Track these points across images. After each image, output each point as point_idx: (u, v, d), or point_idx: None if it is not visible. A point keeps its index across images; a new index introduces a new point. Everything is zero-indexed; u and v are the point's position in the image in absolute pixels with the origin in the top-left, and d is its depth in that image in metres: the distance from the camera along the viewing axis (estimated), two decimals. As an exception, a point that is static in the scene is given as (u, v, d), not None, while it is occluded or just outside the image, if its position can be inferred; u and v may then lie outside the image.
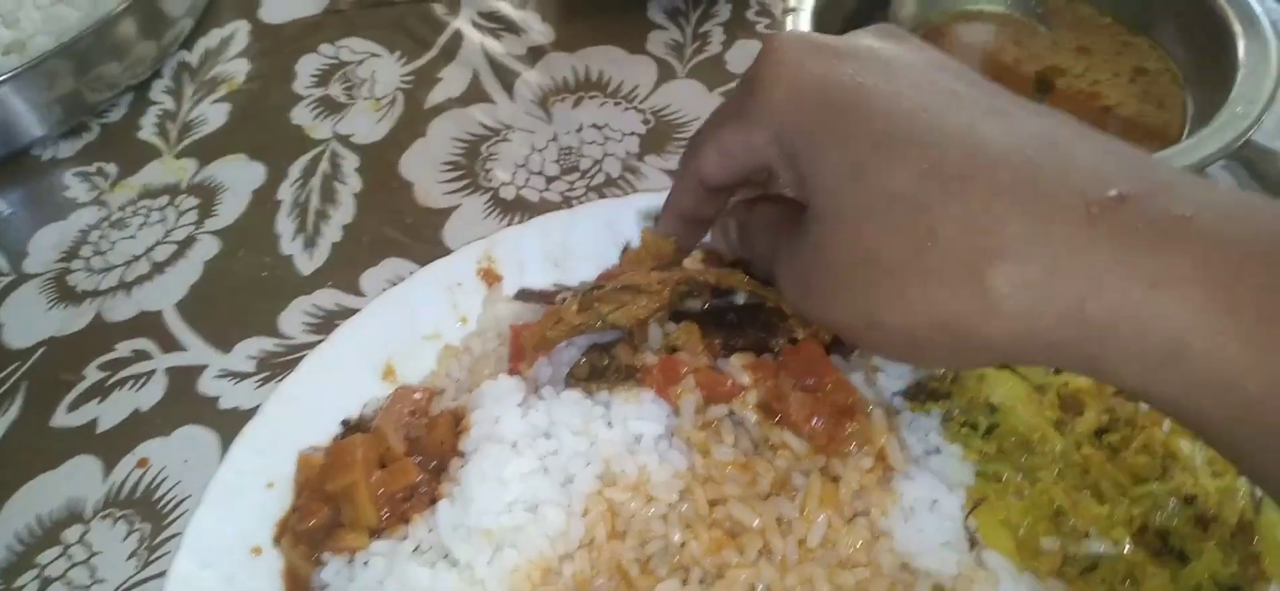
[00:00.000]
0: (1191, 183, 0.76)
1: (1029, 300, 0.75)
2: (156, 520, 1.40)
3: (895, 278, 0.81)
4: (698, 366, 1.25)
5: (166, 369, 1.55)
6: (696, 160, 1.07)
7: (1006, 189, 0.76)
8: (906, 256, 0.80)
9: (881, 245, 0.82)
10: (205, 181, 1.80)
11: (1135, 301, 0.71)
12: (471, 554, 1.16)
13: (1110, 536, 1.12)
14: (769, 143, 0.94)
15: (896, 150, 0.82)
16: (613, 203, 1.59)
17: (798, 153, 0.90)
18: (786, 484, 1.20)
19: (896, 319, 0.83)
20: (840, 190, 0.85)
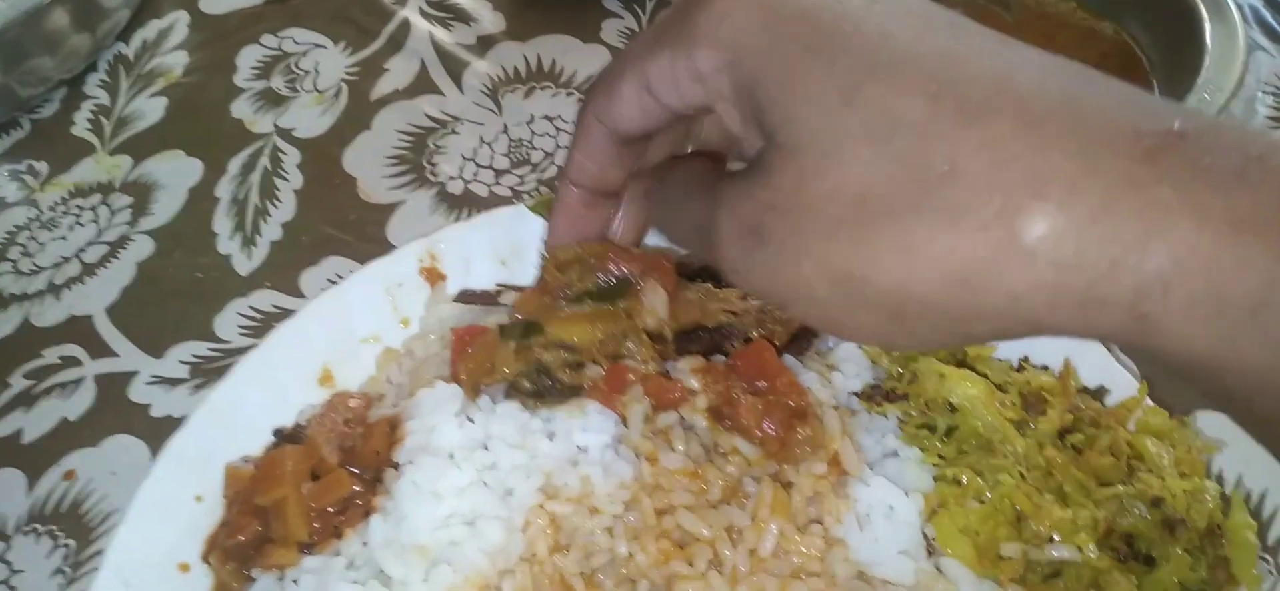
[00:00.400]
0: (1245, 126, 0.64)
1: (1073, 246, 0.60)
2: (82, 535, 1.33)
3: (897, 220, 0.64)
4: (646, 373, 1.20)
5: (96, 375, 1.48)
6: (609, 103, 0.88)
7: (1042, 118, 0.62)
8: (914, 195, 0.63)
9: (880, 181, 0.64)
10: (140, 179, 1.73)
11: (1210, 246, 0.57)
12: (405, 571, 1.10)
13: (1074, 541, 1.08)
14: (717, 70, 0.76)
15: (900, 71, 0.66)
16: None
17: (761, 79, 0.73)
18: (737, 491, 1.15)
19: (889, 275, 0.65)
20: (827, 116, 0.68)
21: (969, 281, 0.63)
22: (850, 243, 0.67)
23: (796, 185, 0.69)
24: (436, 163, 1.70)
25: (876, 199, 0.65)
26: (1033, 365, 1.29)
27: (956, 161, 0.62)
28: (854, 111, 0.66)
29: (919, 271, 0.64)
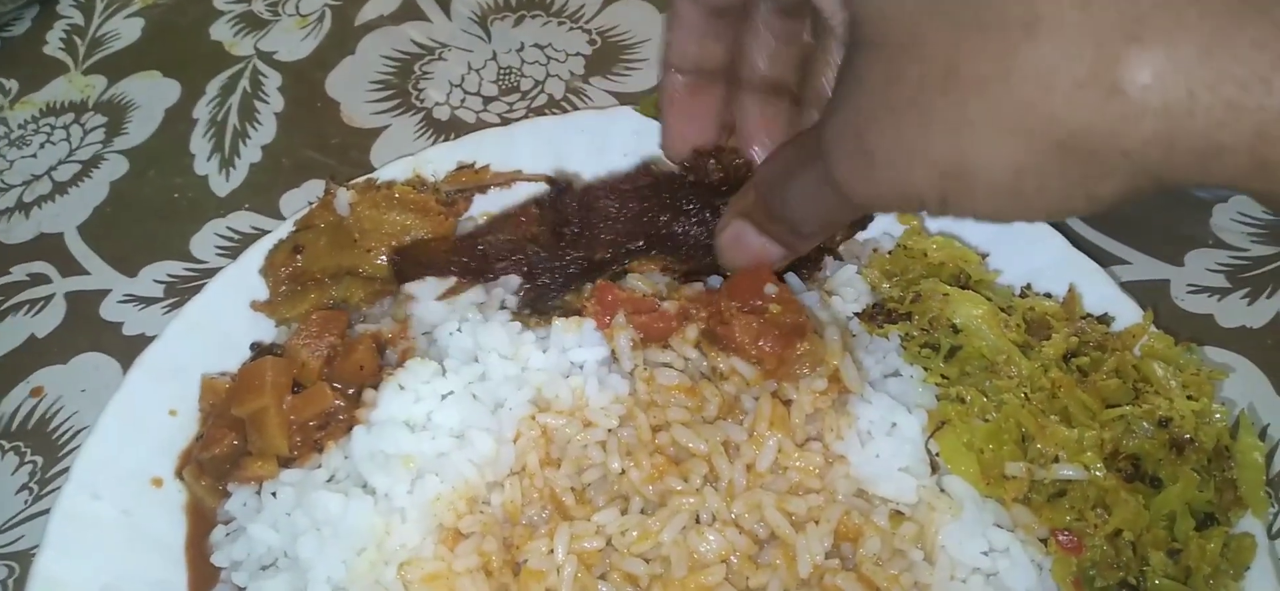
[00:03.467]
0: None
1: (1183, 90, 0.54)
2: (50, 452, 1.29)
3: (988, 93, 0.60)
4: (634, 299, 1.16)
5: (66, 293, 1.43)
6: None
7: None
8: (1000, 59, 0.58)
9: (965, 52, 0.59)
10: (114, 99, 1.67)
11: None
12: (389, 482, 1.06)
13: (1080, 461, 1.05)
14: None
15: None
16: (553, 120, 1.49)
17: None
18: (735, 408, 1.11)
19: (994, 154, 0.61)
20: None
21: (1074, 146, 0.58)
22: (949, 131, 0.62)
23: (887, 81, 0.66)
24: (423, 88, 1.65)
25: (965, 73, 0.60)
26: (1036, 292, 1.26)
27: (1041, 14, 0.56)
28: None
29: (1019, 146, 0.60)
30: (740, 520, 1.04)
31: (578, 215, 1.21)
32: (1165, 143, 0.56)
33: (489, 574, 1.03)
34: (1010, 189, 0.63)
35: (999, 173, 0.62)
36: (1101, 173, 0.60)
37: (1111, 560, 1.01)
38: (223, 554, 1.11)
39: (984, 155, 0.61)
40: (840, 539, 1.04)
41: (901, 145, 0.66)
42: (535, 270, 1.20)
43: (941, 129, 0.62)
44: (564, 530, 1.04)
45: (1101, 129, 0.57)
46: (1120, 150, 0.57)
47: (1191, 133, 0.55)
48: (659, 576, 1.02)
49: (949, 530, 1.02)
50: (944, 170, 0.65)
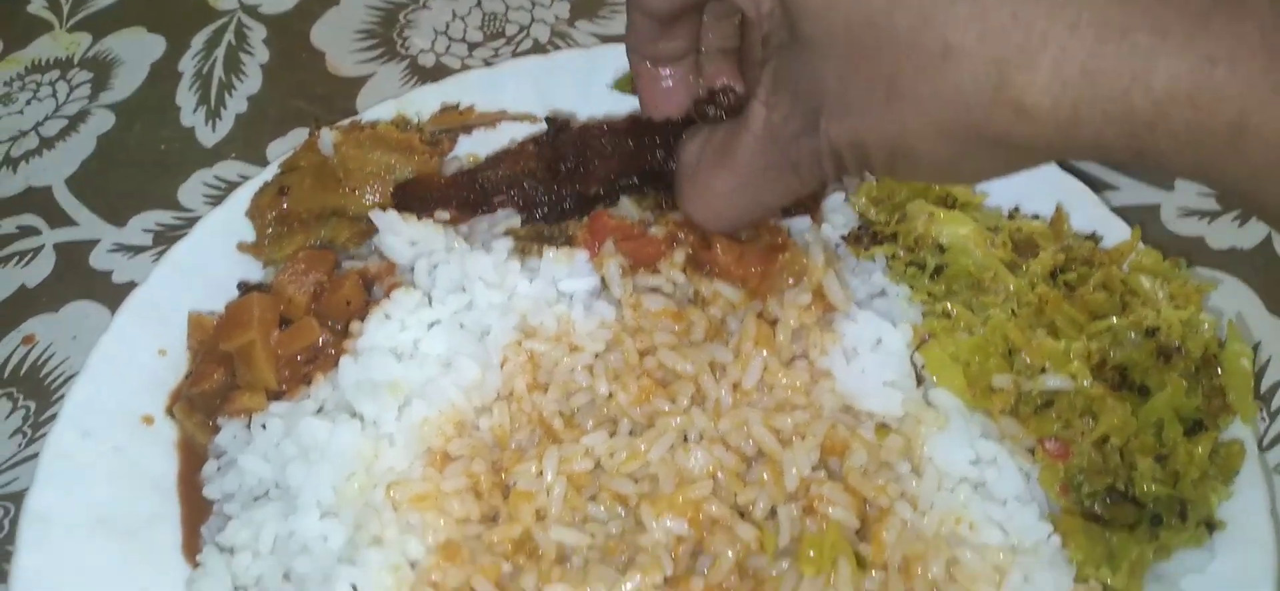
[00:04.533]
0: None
1: (1069, 104, 0.65)
2: (43, 397, 1.29)
3: (923, 108, 0.72)
4: (623, 227, 1.16)
5: (55, 244, 1.43)
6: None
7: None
8: (930, 82, 0.70)
9: (901, 70, 0.71)
10: (100, 55, 1.67)
11: (1189, 84, 0.61)
12: (377, 409, 1.06)
13: (1067, 371, 1.05)
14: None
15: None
16: (538, 60, 1.49)
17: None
18: (721, 331, 1.11)
19: (934, 148, 0.74)
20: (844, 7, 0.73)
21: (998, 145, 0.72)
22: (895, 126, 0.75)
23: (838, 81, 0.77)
24: (407, 36, 1.65)
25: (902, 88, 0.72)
26: (1024, 215, 1.26)
27: (951, 43, 0.68)
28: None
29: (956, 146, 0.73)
30: (727, 438, 1.04)
31: (573, 152, 1.22)
32: (1064, 141, 0.69)
33: (478, 495, 1.04)
34: (949, 168, 0.78)
35: (940, 159, 0.76)
36: (1021, 157, 0.74)
37: (1098, 466, 1.01)
38: (215, 486, 1.11)
39: (925, 148, 0.75)
40: (826, 453, 1.04)
41: (855, 132, 0.79)
42: (531, 204, 1.22)
43: (888, 124, 0.75)
44: (553, 452, 1.04)
45: (1016, 134, 0.69)
46: (1032, 146, 0.71)
47: (1081, 134, 0.67)
48: (647, 495, 1.02)
49: (935, 442, 1.03)
50: (892, 150, 0.78)
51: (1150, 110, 0.63)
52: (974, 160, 0.75)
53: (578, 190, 1.20)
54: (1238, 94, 0.60)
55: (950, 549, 0.97)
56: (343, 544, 1.01)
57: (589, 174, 1.21)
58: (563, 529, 1.01)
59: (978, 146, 0.72)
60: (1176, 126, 0.63)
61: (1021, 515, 0.98)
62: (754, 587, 1.00)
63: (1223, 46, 0.60)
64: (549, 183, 1.22)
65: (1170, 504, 0.99)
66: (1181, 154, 0.65)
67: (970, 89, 0.68)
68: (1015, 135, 0.69)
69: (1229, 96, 0.61)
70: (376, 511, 1.01)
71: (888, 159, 0.79)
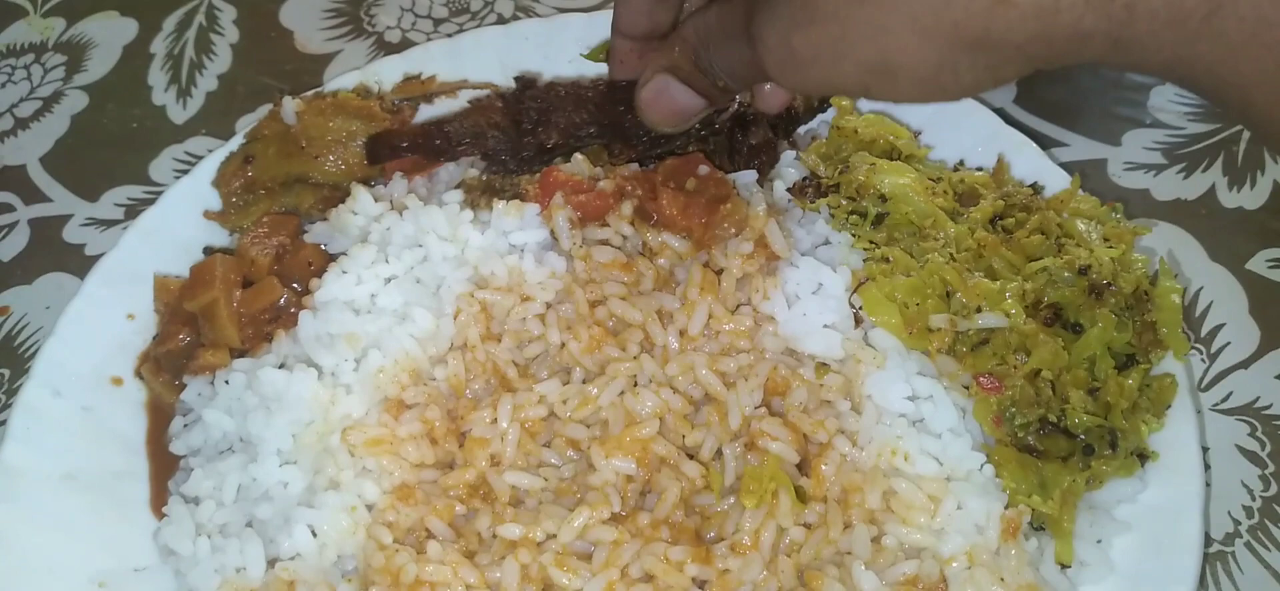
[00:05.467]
0: None
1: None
2: (17, 364, 1.32)
3: (902, 8, 0.72)
4: (573, 181, 1.19)
5: (30, 220, 1.47)
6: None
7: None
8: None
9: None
10: (73, 39, 1.70)
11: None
12: (335, 361, 1.09)
13: (1001, 310, 1.08)
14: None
15: None
16: (499, 30, 1.52)
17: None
18: (669, 281, 1.15)
19: (915, 55, 0.74)
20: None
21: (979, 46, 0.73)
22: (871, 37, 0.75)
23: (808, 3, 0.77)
24: (374, 14, 1.68)
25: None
26: (968, 168, 1.29)
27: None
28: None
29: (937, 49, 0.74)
30: (674, 382, 1.08)
31: (537, 107, 1.25)
32: (1045, 36, 0.69)
33: (433, 442, 1.07)
34: (930, 80, 0.77)
35: (920, 68, 0.76)
36: (1002, 61, 0.74)
37: (1031, 398, 1.04)
38: (181, 442, 1.14)
39: (906, 56, 0.74)
40: (770, 393, 1.07)
41: (827, 48, 0.78)
42: (494, 154, 1.25)
43: (863, 35, 0.75)
44: (507, 401, 1.07)
45: (997, 31, 0.70)
46: (1012, 44, 0.71)
47: (1062, 26, 0.68)
48: (598, 438, 1.05)
49: (874, 380, 1.06)
50: (868, 67, 0.78)
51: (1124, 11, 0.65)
52: (953, 70, 0.75)
53: (538, 141, 1.22)
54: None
55: (887, 480, 1.01)
56: (302, 489, 1.04)
57: (550, 126, 1.24)
58: (517, 473, 1.05)
59: (958, 49, 0.72)
60: (1155, 4, 0.65)
61: (955, 446, 1.02)
62: (700, 523, 1.03)
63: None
64: (512, 134, 1.25)
65: (1101, 434, 1.03)
66: (1158, 36, 0.67)
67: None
68: (996, 28, 0.70)
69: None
70: (333, 455, 1.04)
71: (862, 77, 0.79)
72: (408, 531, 1.02)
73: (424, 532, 1.02)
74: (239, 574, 1.01)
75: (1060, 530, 1.00)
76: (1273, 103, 0.66)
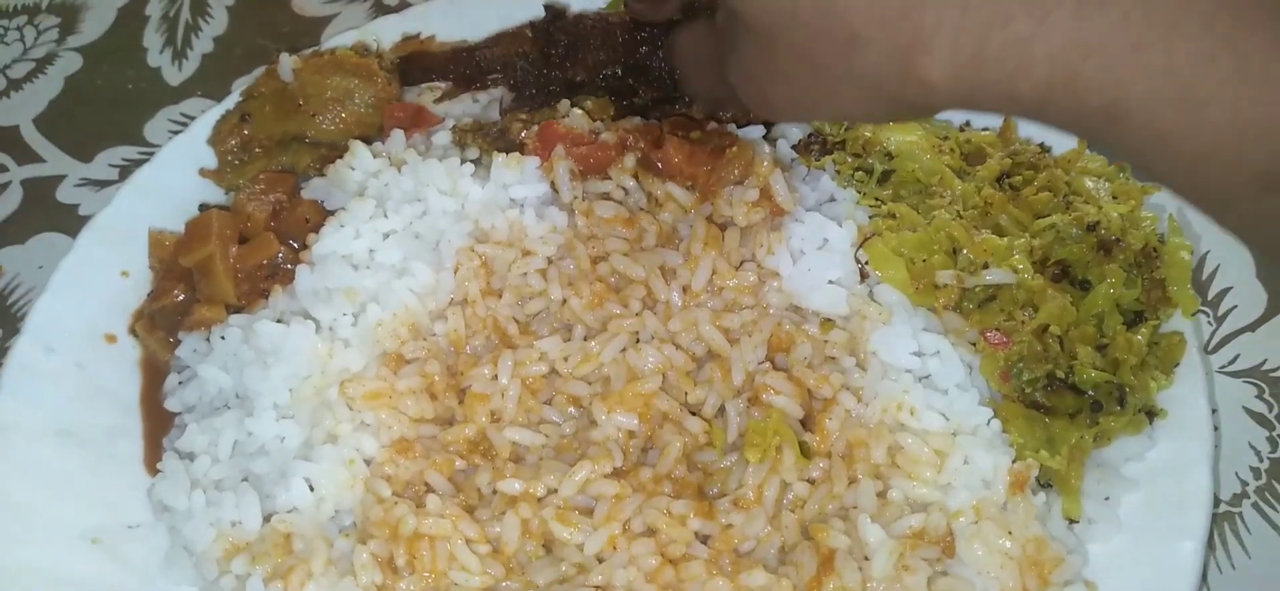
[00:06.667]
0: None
1: (966, 84, 0.70)
2: (10, 323, 1.31)
3: (843, 79, 0.77)
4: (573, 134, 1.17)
5: (22, 180, 1.45)
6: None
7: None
8: (845, 62, 0.75)
9: (819, 51, 0.76)
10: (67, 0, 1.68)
11: (1065, 73, 0.65)
12: (333, 315, 1.08)
13: (1008, 265, 1.07)
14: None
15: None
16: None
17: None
18: (672, 237, 1.13)
19: (858, 109, 0.81)
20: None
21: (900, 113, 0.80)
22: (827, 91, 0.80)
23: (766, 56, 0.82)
24: (373, -24, 1.67)
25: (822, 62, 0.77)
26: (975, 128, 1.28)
27: (858, 33, 0.73)
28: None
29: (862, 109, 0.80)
30: (677, 338, 1.07)
31: (565, 39, 1.26)
32: (971, 107, 0.73)
33: (433, 397, 1.06)
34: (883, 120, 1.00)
35: (870, 116, 0.94)
36: (932, 112, 0.78)
37: (1038, 354, 1.03)
38: (176, 399, 1.13)
39: (853, 109, 0.81)
40: (774, 350, 1.06)
41: (791, 96, 0.84)
42: (522, 83, 1.28)
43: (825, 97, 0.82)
44: (507, 357, 1.06)
45: (922, 102, 0.74)
46: (937, 108, 0.75)
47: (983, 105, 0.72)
48: (599, 394, 1.04)
49: (880, 335, 1.04)
50: (826, 111, 0.90)
51: (1036, 93, 0.67)
52: (901, 115, 0.83)
53: (567, 76, 1.24)
54: (1110, 82, 0.64)
55: (892, 435, 0.99)
56: (299, 443, 1.03)
57: (577, 61, 1.25)
58: (517, 429, 1.03)
59: (898, 107, 0.77)
60: (1061, 108, 0.67)
61: (962, 401, 1.00)
62: (702, 479, 1.02)
63: (1095, 35, 0.63)
64: (540, 65, 1.27)
65: (1109, 390, 1.01)
66: (1069, 129, 0.71)
67: (880, 69, 0.73)
68: (925, 103, 0.74)
69: (1102, 84, 0.64)
70: (331, 409, 1.03)
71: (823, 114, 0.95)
72: (406, 485, 1.00)
73: (423, 487, 1.00)
74: (234, 527, 0.99)
75: (1068, 487, 0.99)
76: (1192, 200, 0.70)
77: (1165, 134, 0.64)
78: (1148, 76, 0.63)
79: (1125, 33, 0.63)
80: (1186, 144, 0.63)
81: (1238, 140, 0.62)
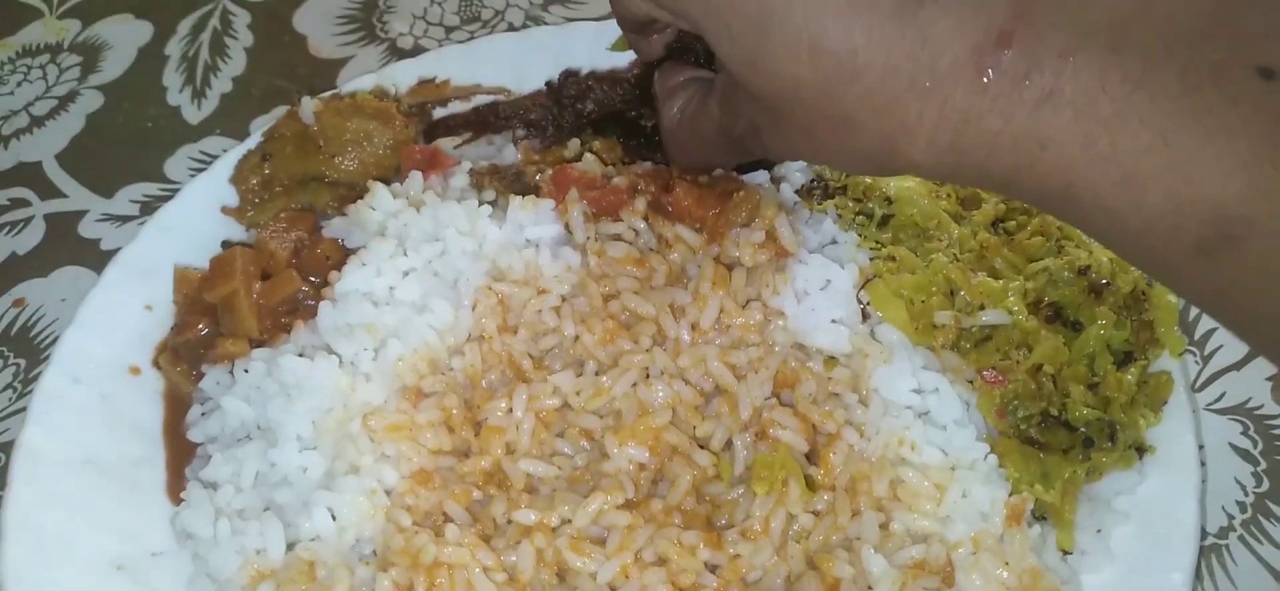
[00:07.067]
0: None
1: (947, 167, 0.81)
2: (33, 355, 1.34)
3: (831, 151, 0.89)
4: (586, 178, 1.22)
5: (45, 215, 1.49)
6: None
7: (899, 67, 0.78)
8: (842, 140, 0.85)
9: (818, 128, 0.86)
10: (88, 40, 1.73)
11: (1027, 161, 0.76)
12: (354, 350, 1.12)
13: (1004, 307, 1.11)
14: None
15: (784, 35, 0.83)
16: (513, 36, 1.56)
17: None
18: (681, 275, 1.18)
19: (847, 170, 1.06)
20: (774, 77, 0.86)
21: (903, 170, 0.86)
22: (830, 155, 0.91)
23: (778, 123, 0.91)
24: (387, 21, 1.72)
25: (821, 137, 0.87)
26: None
27: (851, 117, 0.82)
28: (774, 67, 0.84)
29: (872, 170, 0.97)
30: (686, 374, 1.11)
31: (577, 87, 1.36)
32: (945, 179, 0.88)
33: (450, 430, 1.10)
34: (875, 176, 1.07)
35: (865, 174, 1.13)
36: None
37: (1032, 392, 1.07)
38: (199, 430, 1.16)
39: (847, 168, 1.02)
40: (779, 386, 1.10)
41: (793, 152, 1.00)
42: (537, 123, 1.38)
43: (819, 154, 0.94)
44: (522, 391, 1.10)
45: (910, 170, 0.85)
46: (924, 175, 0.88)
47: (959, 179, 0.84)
48: (611, 427, 1.08)
49: (881, 374, 1.09)
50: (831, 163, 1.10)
51: (1004, 175, 0.79)
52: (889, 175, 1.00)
53: (576, 111, 1.33)
54: (1064, 167, 0.75)
55: (894, 469, 1.03)
56: (321, 474, 1.06)
57: (587, 98, 1.35)
58: (531, 461, 1.07)
59: (888, 173, 0.93)
60: (1025, 188, 0.79)
61: (960, 437, 1.05)
62: (711, 511, 1.06)
63: (1050, 131, 0.74)
64: (553, 108, 1.37)
65: (1101, 427, 1.06)
66: (1034, 205, 0.84)
67: (870, 148, 0.84)
68: (915, 171, 0.86)
69: (1058, 170, 0.75)
70: (353, 441, 1.06)
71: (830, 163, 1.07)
72: (426, 515, 1.04)
73: (442, 516, 1.04)
74: (259, 555, 1.03)
75: (1062, 519, 1.03)
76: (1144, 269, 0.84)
77: (1113, 211, 0.75)
78: (1096, 164, 0.74)
79: (1075, 128, 0.74)
80: (1131, 220, 0.74)
81: (1174, 214, 0.72)
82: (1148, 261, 0.78)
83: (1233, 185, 0.69)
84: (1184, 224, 0.71)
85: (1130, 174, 0.72)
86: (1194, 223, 0.71)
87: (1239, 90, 0.69)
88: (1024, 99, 0.75)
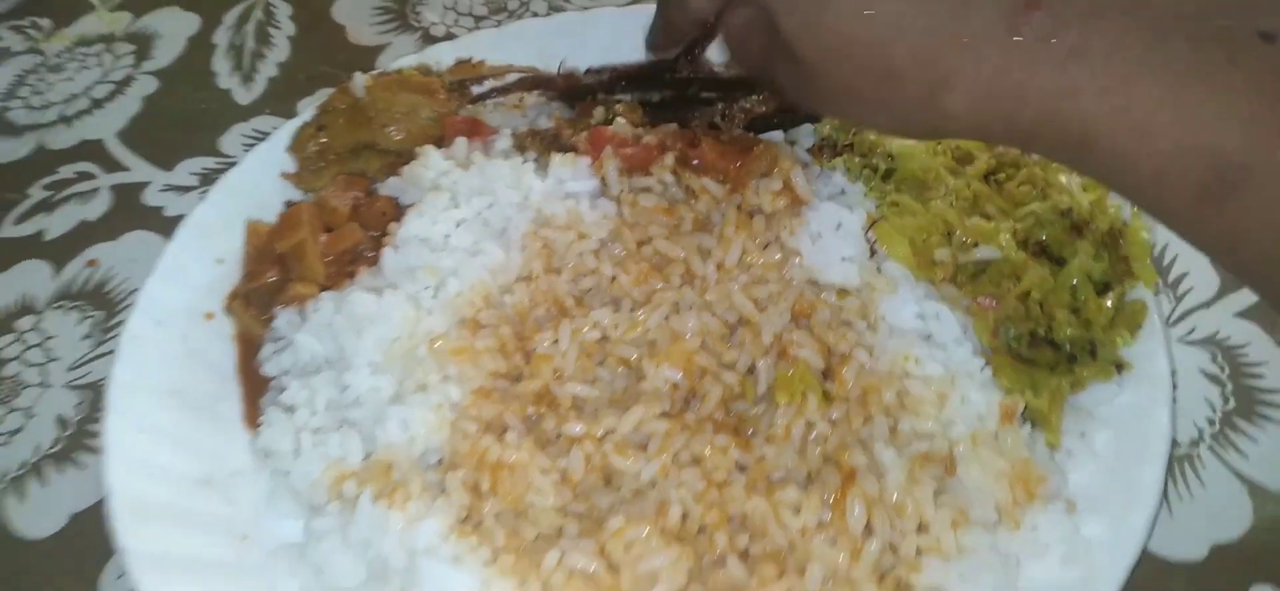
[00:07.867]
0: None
1: (978, 115, 0.89)
2: (108, 307, 1.46)
3: (872, 106, 0.97)
4: (619, 137, 1.35)
5: (111, 186, 1.61)
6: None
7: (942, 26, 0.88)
8: (877, 93, 0.94)
9: (857, 84, 0.95)
10: (140, 31, 1.86)
11: (1051, 111, 0.85)
12: (417, 289, 1.25)
13: (995, 244, 1.25)
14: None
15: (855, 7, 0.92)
16: (538, 22, 1.70)
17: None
18: (707, 222, 1.31)
19: (881, 127, 1.10)
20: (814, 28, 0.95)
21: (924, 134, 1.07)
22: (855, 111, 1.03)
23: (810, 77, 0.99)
24: (420, 12, 1.85)
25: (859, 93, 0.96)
26: (962, 137, 1.47)
27: (894, 69, 0.91)
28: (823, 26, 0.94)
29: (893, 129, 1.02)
30: (713, 307, 1.24)
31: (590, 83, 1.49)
32: (979, 136, 0.94)
33: (505, 356, 1.22)
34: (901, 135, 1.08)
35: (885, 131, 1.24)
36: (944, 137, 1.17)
37: (1022, 315, 1.21)
38: (273, 364, 1.28)
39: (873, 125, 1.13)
40: (796, 316, 1.23)
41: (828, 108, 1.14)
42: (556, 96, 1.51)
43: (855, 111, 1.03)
44: (566, 325, 1.22)
45: (944, 130, 0.94)
46: (950, 135, 0.97)
47: (988, 134, 0.92)
48: (647, 354, 1.21)
49: (887, 303, 1.22)
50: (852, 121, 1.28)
51: (1029, 125, 0.87)
52: (914, 136, 1.14)
53: (587, 83, 1.46)
54: (1083, 117, 0.83)
55: (900, 381, 1.17)
56: (392, 394, 1.19)
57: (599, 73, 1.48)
58: (577, 385, 1.20)
59: (920, 131, 1.00)
60: (1047, 137, 0.87)
61: (959, 352, 1.18)
62: (738, 423, 1.19)
63: (1070, 82, 0.83)
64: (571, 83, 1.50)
65: (1083, 345, 1.20)
66: (1055, 154, 0.91)
67: (911, 99, 0.92)
68: (943, 130, 0.95)
69: (1078, 119, 0.83)
70: (420, 362, 1.19)
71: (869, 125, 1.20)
72: (488, 425, 1.16)
73: (502, 426, 1.16)
74: (339, 461, 1.15)
75: (1049, 423, 1.17)
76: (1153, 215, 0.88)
77: (1126, 158, 0.83)
78: (1112, 115, 0.82)
79: (1094, 82, 0.83)
80: (1143, 165, 0.82)
81: (1180, 160, 0.80)
82: (1158, 207, 0.85)
83: (1233, 135, 0.77)
84: (1188, 171, 0.79)
85: (1142, 124, 0.80)
86: (1197, 169, 0.79)
87: (1242, 52, 0.78)
88: (1050, 56, 0.83)
